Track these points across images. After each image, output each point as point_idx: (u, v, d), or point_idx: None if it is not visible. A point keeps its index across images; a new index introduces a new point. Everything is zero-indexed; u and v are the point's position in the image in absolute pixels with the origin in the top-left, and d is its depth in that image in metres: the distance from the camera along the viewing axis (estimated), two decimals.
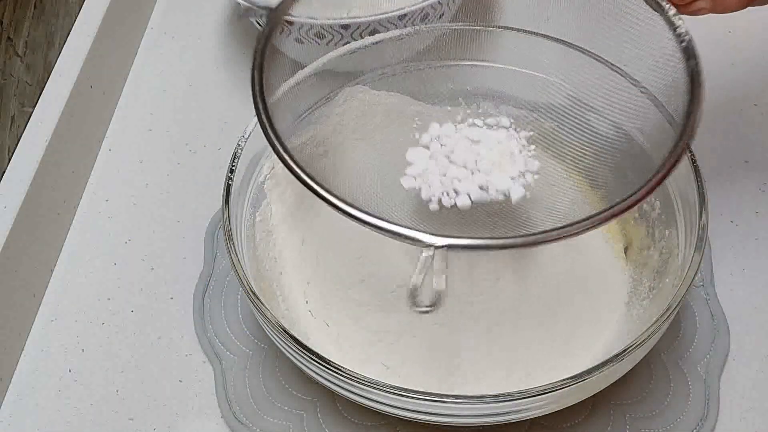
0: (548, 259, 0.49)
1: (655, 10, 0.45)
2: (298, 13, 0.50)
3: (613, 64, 0.51)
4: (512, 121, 0.50)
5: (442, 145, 0.48)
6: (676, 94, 0.44)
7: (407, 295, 0.36)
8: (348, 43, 0.56)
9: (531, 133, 0.50)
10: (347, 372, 0.39)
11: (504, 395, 0.39)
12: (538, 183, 0.48)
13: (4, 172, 0.54)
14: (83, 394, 0.50)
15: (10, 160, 0.55)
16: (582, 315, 0.48)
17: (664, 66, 0.46)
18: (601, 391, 0.43)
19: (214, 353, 0.50)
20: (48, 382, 0.50)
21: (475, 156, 0.47)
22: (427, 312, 0.36)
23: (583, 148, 0.55)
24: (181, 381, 0.50)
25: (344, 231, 0.52)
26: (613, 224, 0.52)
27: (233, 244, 0.44)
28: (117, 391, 0.50)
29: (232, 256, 0.43)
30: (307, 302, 0.49)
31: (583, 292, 0.49)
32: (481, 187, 0.46)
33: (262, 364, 0.49)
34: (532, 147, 0.49)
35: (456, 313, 0.47)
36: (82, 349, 0.52)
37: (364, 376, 0.39)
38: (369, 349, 0.47)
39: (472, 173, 0.47)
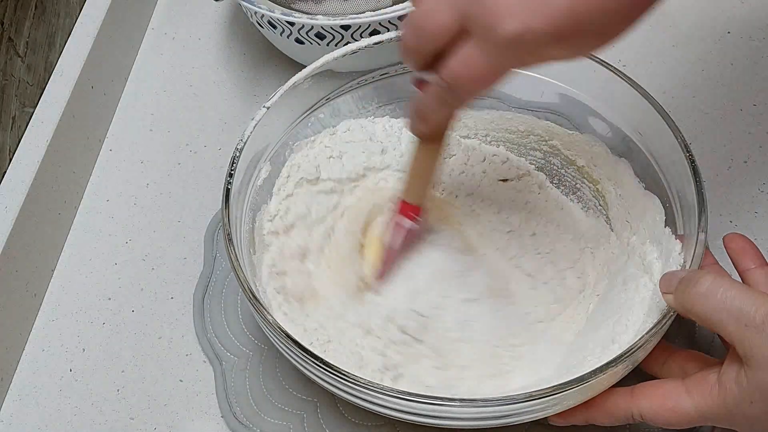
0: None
1: None
2: None
3: (612, 66, 0.51)
4: None
5: None
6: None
7: None
8: (348, 43, 0.56)
9: None
10: (347, 374, 0.39)
11: (506, 398, 0.39)
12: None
13: (5, 172, 0.54)
14: (84, 394, 0.50)
15: (11, 160, 0.55)
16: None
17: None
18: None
19: (214, 353, 0.50)
20: (49, 382, 0.51)
21: None
22: None
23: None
24: (181, 381, 0.50)
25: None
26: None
27: (234, 247, 0.44)
28: (117, 390, 0.50)
29: (233, 259, 0.43)
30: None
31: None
32: None
33: (262, 365, 0.49)
34: None
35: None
36: (83, 349, 0.52)
37: (364, 379, 0.39)
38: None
39: None
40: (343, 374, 0.39)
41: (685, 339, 0.49)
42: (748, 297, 0.36)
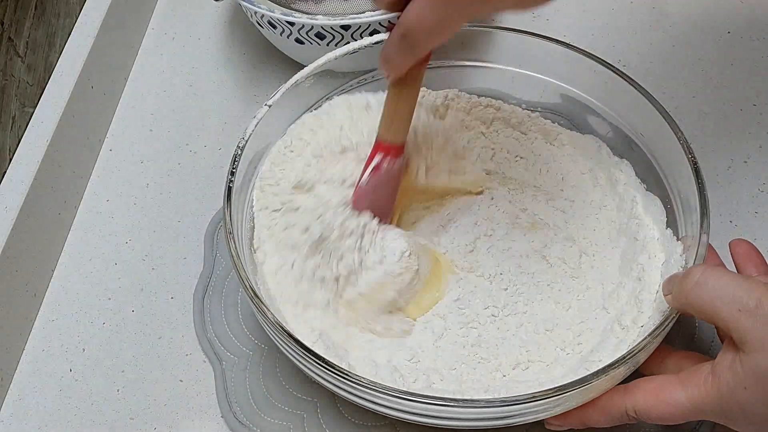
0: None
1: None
2: None
3: (612, 66, 0.51)
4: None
5: None
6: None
7: None
8: (348, 43, 0.56)
9: None
10: (348, 373, 0.39)
11: (508, 399, 0.39)
12: None
13: (5, 172, 0.54)
14: (84, 394, 0.50)
15: (11, 160, 0.55)
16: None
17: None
18: None
19: (214, 353, 0.50)
20: (49, 382, 0.51)
21: None
22: None
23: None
24: (181, 381, 0.50)
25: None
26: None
27: (235, 245, 0.44)
28: (117, 390, 0.50)
29: (234, 256, 0.43)
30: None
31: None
32: None
33: (262, 364, 0.49)
34: None
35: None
36: (83, 349, 0.52)
37: (365, 378, 0.39)
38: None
39: None
40: (344, 373, 0.39)
41: (684, 341, 0.49)
42: (740, 283, 0.37)
